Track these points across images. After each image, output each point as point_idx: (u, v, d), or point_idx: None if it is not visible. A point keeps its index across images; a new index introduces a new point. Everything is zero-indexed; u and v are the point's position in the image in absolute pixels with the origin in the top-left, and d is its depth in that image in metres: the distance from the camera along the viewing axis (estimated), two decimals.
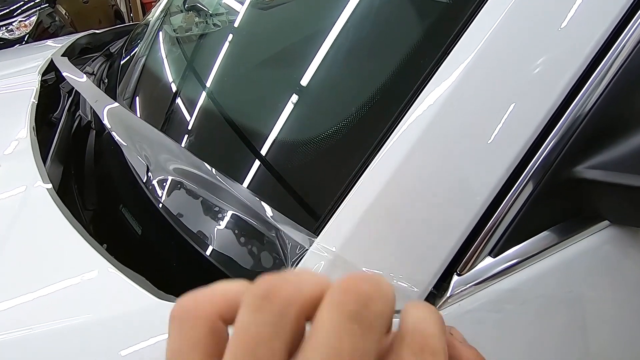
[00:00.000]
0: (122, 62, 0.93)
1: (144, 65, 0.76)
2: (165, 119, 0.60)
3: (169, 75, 0.67)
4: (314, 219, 0.35)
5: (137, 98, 0.74)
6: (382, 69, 0.41)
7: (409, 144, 0.33)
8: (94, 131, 0.73)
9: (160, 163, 0.51)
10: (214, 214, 0.42)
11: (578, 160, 0.35)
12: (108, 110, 0.65)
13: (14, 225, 0.43)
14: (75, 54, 1.20)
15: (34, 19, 3.07)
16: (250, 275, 0.38)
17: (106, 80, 0.93)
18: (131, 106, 0.72)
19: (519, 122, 0.33)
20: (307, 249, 0.33)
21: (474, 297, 0.35)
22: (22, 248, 0.40)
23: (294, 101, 0.46)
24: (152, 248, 0.48)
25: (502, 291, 0.35)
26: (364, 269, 0.32)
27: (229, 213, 0.41)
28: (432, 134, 0.33)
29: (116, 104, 0.65)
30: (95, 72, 1.06)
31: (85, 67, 1.04)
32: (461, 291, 0.34)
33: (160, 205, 0.47)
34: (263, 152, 0.43)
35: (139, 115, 0.67)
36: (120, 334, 0.29)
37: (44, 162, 0.59)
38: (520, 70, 0.34)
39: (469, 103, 0.33)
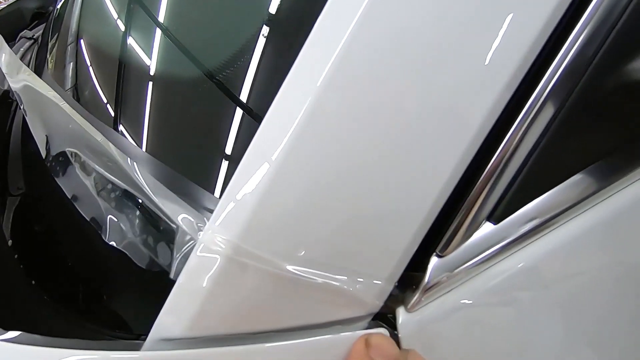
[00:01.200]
0: (54, 16, 0.79)
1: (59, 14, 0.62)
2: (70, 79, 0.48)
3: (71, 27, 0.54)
4: (209, 198, 0.23)
5: (59, 58, 0.61)
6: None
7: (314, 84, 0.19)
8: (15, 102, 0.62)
9: (59, 133, 0.40)
10: (105, 193, 0.31)
11: (633, 52, 0.21)
12: (15, 78, 0.53)
13: None
14: (25, 22, 1.06)
15: None
16: (145, 277, 0.28)
17: (39, 40, 0.80)
18: (58, 68, 0.59)
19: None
20: (195, 239, 0.21)
21: (468, 286, 0.23)
22: None
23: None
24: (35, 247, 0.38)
25: (513, 272, 0.23)
26: (286, 265, 0.21)
27: (120, 192, 0.30)
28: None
29: (23, 68, 0.53)
30: (34, 37, 0.93)
31: (24, 31, 0.90)
32: (445, 279, 0.22)
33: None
34: (149, 108, 0.30)
35: (59, 77, 0.55)
36: None
37: None
38: None
39: None
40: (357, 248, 0.21)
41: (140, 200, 0.27)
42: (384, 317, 0.22)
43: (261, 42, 0.26)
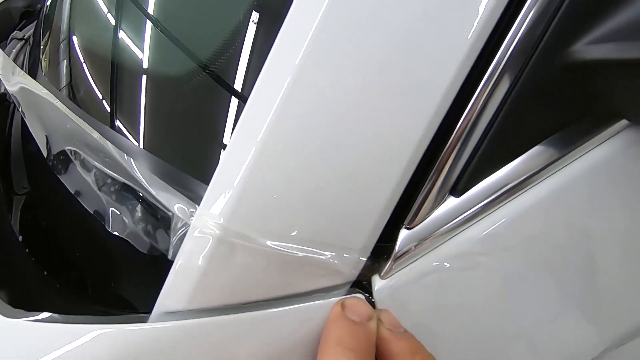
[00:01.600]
0: (45, 14, 0.80)
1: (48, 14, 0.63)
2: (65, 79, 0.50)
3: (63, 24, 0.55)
4: (198, 186, 0.25)
5: (51, 56, 0.63)
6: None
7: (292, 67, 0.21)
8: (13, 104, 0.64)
9: (58, 133, 0.42)
10: (106, 187, 0.33)
11: (573, 36, 0.23)
12: (11, 81, 0.55)
13: None
14: (15, 22, 1.06)
15: None
16: (126, 266, 0.30)
17: (31, 40, 0.81)
18: (52, 67, 0.61)
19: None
20: (188, 224, 0.24)
21: (434, 254, 0.25)
22: None
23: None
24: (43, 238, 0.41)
25: (473, 240, 0.25)
26: (269, 242, 0.23)
27: (118, 185, 0.32)
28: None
29: (17, 69, 0.54)
30: (26, 37, 0.94)
31: (14, 32, 0.91)
32: (414, 249, 0.25)
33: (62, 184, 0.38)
34: (139, 98, 0.32)
35: (52, 76, 0.57)
36: None
37: None
38: None
39: None
40: (333, 224, 0.23)
41: (138, 192, 0.30)
42: (361, 285, 0.25)
43: (243, 28, 0.28)
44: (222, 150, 0.23)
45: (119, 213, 0.32)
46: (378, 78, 0.22)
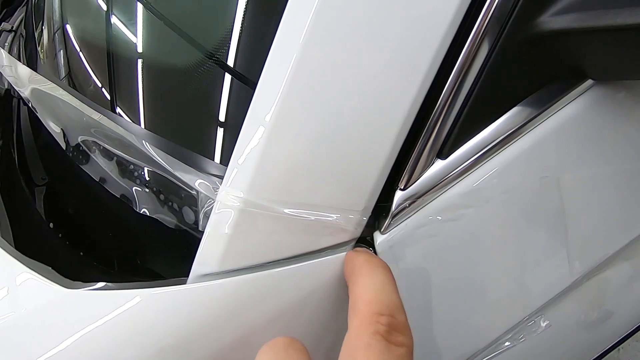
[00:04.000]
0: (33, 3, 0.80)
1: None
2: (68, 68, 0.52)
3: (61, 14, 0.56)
4: (219, 165, 0.29)
5: (49, 47, 0.64)
6: None
7: (297, 43, 0.24)
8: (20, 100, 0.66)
9: (73, 124, 0.45)
10: (129, 173, 0.37)
11: (540, 8, 0.26)
12: (13, 73, 0.57)
13: None
14: None
15: None
16: (163, 238, 0.34)
17: (24, 32, 0.81)
18: (50, 58, 0.62)
19: None
20: (213, 199, 0.28)
21: (425, 210, 0.29)
22: None
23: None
24: (73, 223, 0.45)
25: (459, 195, 0.29)
26: (283, 209, 0.27)
27: (143, 170, 0.36)
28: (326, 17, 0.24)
29: (16, 62, 0.56)
30: (14, 28, 0.94)
31: (2, 24, 0.91)
32: (408, 206, 0.29)
33: (84, 173, 0.42)
34: (148, 88, 0.35)
35: (54, 67, 0.59)
36: (31, 334, 0.27)
37: None
38: None
39: None
40: (338, 189, 0.27)
41: (161, 176, 0.33)
42: (364, 240, 0.29)
43: (252, 9, 0.30)
44: (237, 133, 0.27)
45: (144, 195, 0.36)
46: (371, 54, 0.25)
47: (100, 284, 0.28)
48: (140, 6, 0.40)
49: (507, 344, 0.38)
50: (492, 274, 0.31)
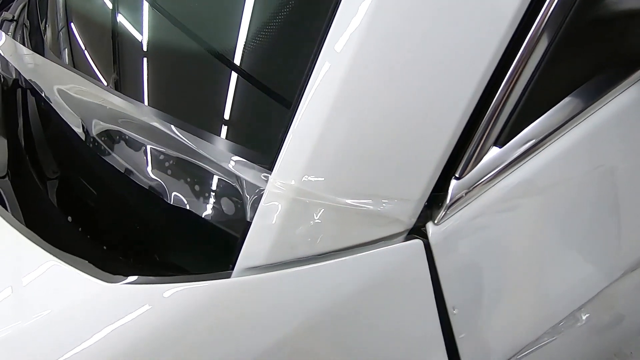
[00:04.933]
0: None
1: None
2: (93, 61, 0.50)
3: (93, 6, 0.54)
4: (266, 154, 0.28)
5: (62, 38, 0.62)
6: None
7: (358, 36, 0.23)
8: (28, 90, 0.64)
9: (94, 115, 0.43)
10: (161, 163, 0.35)
11: None
12: (25, 63, 0.55)
13: None
14: None
15: None
16: (207, 230, 0.33)
17: (28, 23, 0.78)
18: (60, 49, 0.60)
19: None
20: (263, 189, 0.26)
21: (481, 200, 0.28)
22: None
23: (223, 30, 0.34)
24: (104, 218, 0.43)
25: (514, 184, 0.28)
26: (338, 198, 0.26)
27: (177, 160, 0.34)
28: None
29: (31, 53, 0.54)
30: (16, 18, 0.91)
31: (2, 14, 0.88)
32: (463, 196, 0.28)
33: (107, 164, 0.40)
34: (195, 85, 0.33)
35: (68, 58, 0.57)
36: (73, 327, 0.26)
37: None
38: None
39: None
40: (394, 178, 0.26)
41: (198, 166, 0.32)
42: (417, 231, 0.28)
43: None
44: (288, 122, 0.25)
45: (178, 185, 0.34)
46: (435, 43, 0.24)
47: (143, 278, 0.27)
48: None
49: (545, 339, 0.37)
50: (546, 266, 0.31)
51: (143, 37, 0.39)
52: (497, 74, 0.25)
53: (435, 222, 0.28)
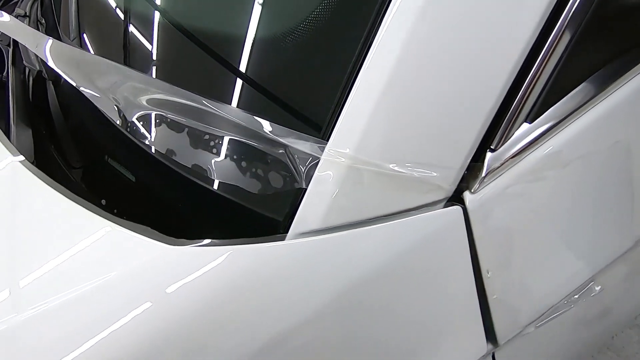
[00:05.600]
0: None
1: None
2: (124, 49, 0.52)
3: None
4: (318, 125, 0.30)
5: (84, 31, 0.63)
6: None
7: (412, 15, 0.26)
8: (50, 81, 0.65)
9: (130, 99, 0.45)
10: (206, 143, 0.37)
11: None
12: (53, 52, 0.56)
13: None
14: None
15: None
16: (262, 199, 0.35)
17: (43, 20, 0.80)
18: (81, 43, 0.62)
19: None
20: (318, 159, 0.29)
21: (512, 171, 0.31)
22: (19, 232, 0.37)
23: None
24: (151, 194, 0.45)
25: (542, 158, 0.31)
26: (389, 165, 0.28)
27: (223, 138, 0.36)
28: None
29: (59, 42, 0.55)
30: (28, 13, 0.91)
31: (14, 10, 0.89)
32: (498, 167, 0.31)
33: (146, 146, 0.42)
34: (244, 64, 0.36)
35: (92, 51, 0.58)
36: (141, 287, 0.27)
37: (7, 132, 0.52)
38: None
39: None
40: (439, 146, 0.28)
41: (249, 143, 0.34)
42: (455, 199, 0.31)
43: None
44: (345, 98, 0.28)
45: (224, 161, 0.36)
46: (477, 24, 0.26)
47: (206, 241, 0.29)
48: None
49: (563, 308, 0.40)
50: (571, 231, 0.33)
51: (186, 19, 0.41)
52: (529, 58, 0.28)
53: (472, 190, 0.31)
